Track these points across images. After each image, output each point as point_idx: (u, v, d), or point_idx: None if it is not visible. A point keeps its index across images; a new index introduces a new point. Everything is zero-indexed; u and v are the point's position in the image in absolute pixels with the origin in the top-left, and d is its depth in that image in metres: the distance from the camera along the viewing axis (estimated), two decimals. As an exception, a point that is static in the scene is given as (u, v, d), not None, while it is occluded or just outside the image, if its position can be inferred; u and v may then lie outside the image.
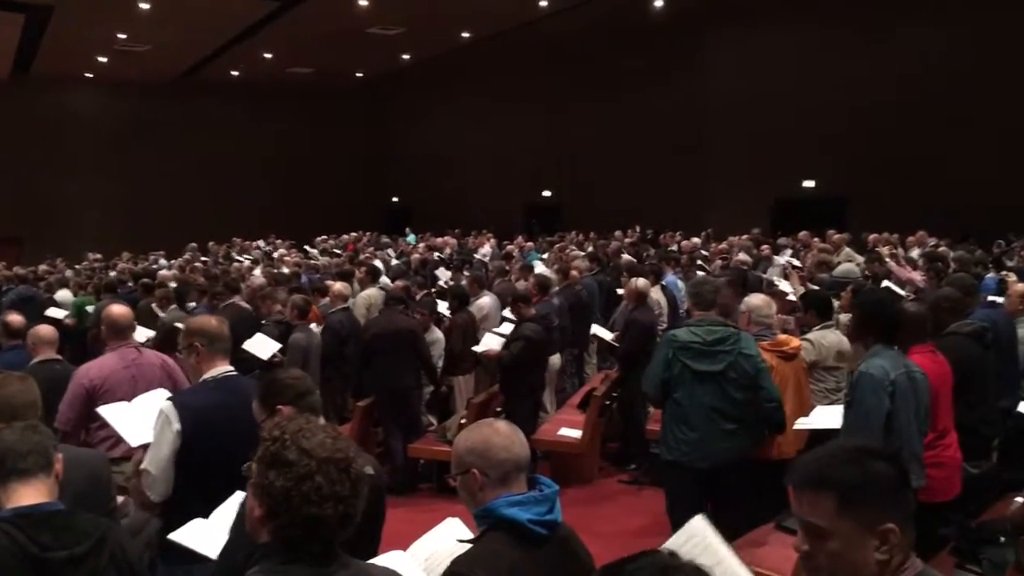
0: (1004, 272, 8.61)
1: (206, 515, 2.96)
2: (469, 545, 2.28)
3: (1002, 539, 4.12)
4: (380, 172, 31.09)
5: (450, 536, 2.68)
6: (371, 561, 2.38)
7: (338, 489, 1.82)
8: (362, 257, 13.21)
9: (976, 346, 5.12)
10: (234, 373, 3.56)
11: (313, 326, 7.91)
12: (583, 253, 12.05)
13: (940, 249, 10.45)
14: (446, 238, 18.03)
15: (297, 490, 1.79)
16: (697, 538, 2.25)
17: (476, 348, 7.44)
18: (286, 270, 12.67)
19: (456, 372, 8.02)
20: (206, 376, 3.49)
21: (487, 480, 2.29)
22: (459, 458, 2.34)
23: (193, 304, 8.83)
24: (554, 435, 7.23)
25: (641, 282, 7.35)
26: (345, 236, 20.73)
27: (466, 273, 10.79)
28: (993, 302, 6.62)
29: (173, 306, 8.64)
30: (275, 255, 16.90)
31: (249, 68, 26.10)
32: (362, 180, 30.72)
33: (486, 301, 8.78)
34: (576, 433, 7.12)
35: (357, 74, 29.29)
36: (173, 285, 10.22)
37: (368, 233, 21.36)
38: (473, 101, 26.86)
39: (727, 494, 4.77)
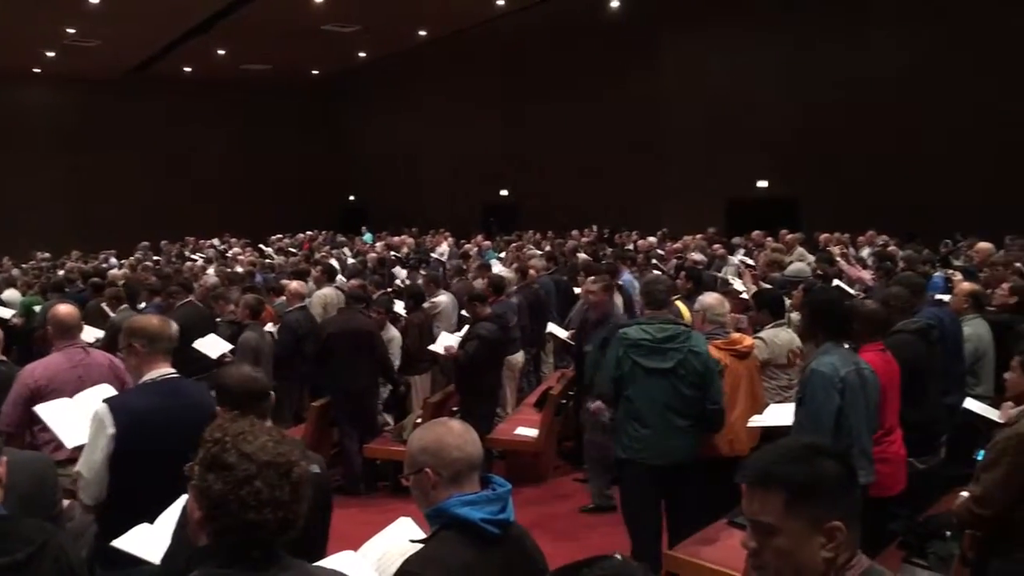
0: (951, 271, 8.78)
1: (145, 518, 2.89)
2: (421, 545, 2.27)
3: (948, 533, 4.23)
4: (337, 171, 30.86)
5: (402, 536, 2.67)
6: (320, 563, 2.36)
7: (278, 494, 1.78)
8: (318, 256, 13.10)
9: (923, 344, 5.22)
10: (175, 375, 3.46)
11: (269, 326, 7.83)
12: (540, 252, 12.07)
13: (889, 248, 10.64)
14: (403, 237, 17.96)
15: (235, 494, 1.76)
16: None
17: (432, 347, 7.41)
18: (240, 269, 12.52)
19: (412, 371, 7.99)
20: (146, 378, 3.41)
21: (440, 479, 2.28)
22: (412, 457, 2.33)
23: (143, 304, 8.68)
24: (510, 434, 7.25)
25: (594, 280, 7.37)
26: (301, 235, 20.56)
27: (423, 272, 10.74)
28: (940, 300, 6.75)
29: (124, 306, 8.48)
30: (229, 254, 16.70)
31: (202, 64, 25.72)
32: (318, 178, 30.46)
33: (442, 300, 8.77)
34: (532, 432, 7.14)
35: (313, 72, 29.06)
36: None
37: (324, 232, 21.20)
38: (430, 100, 26.79)
39: (681, 491, 4.81)
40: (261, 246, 18.81)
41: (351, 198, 31.33)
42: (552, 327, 8.09)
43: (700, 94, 20.22)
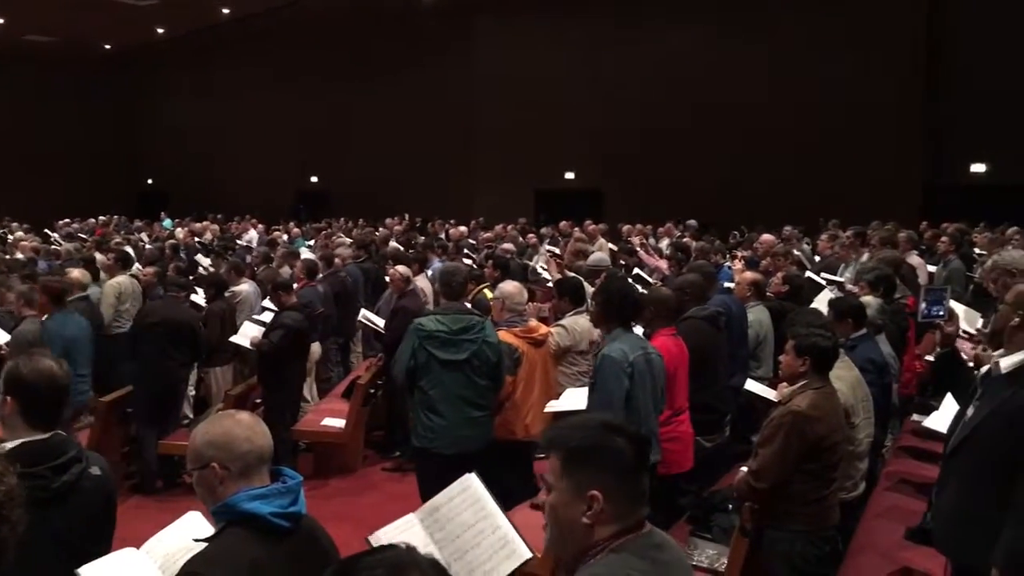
0: (733, 260, 9.34)
1: None
2: (206, 544, 2.17)
3: (730, 507, 4.50)
4: (133, 153, 29.07)
5: (191, 532, 2.55)
6: (100, 560, 2.23)
7: None
8: (112, 243, 12.27)
9: (712, 329, 5.55)
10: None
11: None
12: (349, 240, 11.88)
13: (684, 240, 11.22)
14: (206, 223, 17.16)
15: None
16: (468, 492, 2.28)
17: (233, 339, 7.12)
18: (21, 256, 11.54)
19: (213, 363, 7.66)
20: None
21: (228, 474, 2.20)
22: (197, 452, 2.24)
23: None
24: (317, 425, 7.10)
25: (402, 269, 7.34)
26: (92, 220, 19.20)
27: (227, 260, 10.30)
28: (728, 288, 7.19)
29: None
30: (10, 239, 15.34)
31: (-21, 32, 23.57)
32: (113, 161, 28.57)
33: (245, 289, 8.44)
34: (339, 423, 7.02)
35: (106, 46, 27.19)
36: None
37: (119, 217, 19.92)
38: (237, 82, 25.75)
39: (482, 475, 4.88)
40: (47, 231, 17.41)
41: (149, 182, 29.62)
42: (365, 313, 7.97)
43: (512, 84, 20.55)
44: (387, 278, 8.12)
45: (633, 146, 18.99)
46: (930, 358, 6.43)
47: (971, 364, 3.52)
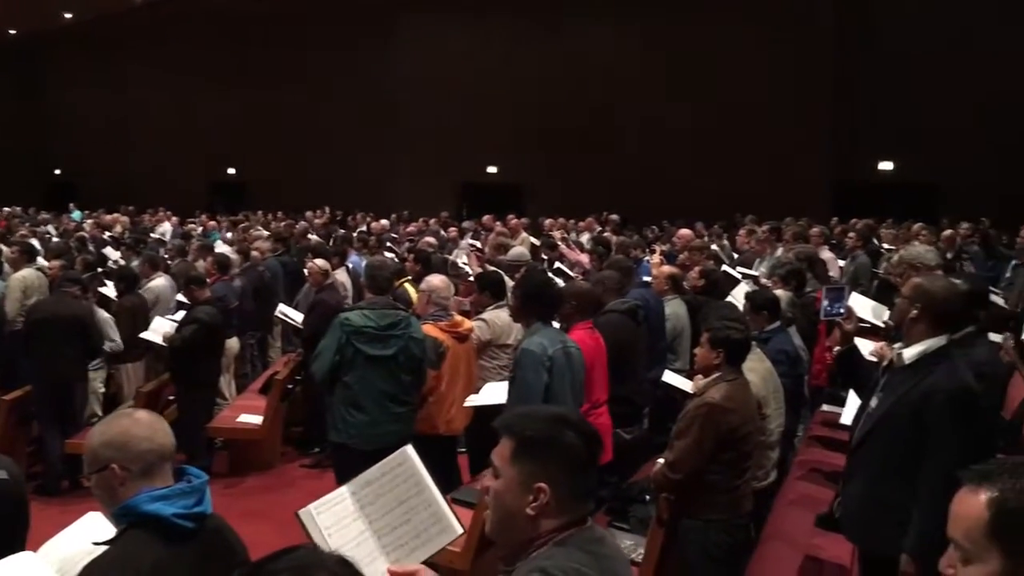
0: (651, 254, 9.47)
1: None
2: (106, 547, 2.09)
3: (647, 497, 4.56)
4: (38, 142, 27.95)
5: (89, 535, 2.44)
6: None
7: None
8: (18, 235, 11.80)
9: (630, 323, 5.60)
10: None
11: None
12: (267, 233, 11.66)
13: (605, 234, 11.32)
14: (116, 216, 16.62)
15: None
16: (404, 466, 2.25)
17: (144, 335, 6.91)
18: (-91, 248, 10.98)
19: (123, 360, 7.42)
20: None
21: (128, 474, 2.12)
22: (94, 454, 2.15)
23: None
24: (233, 422, 6.96)
25: (320, 262, 7.23)
26: (-4, 211, 18.43)
27: (140, 254, 9.99)
28: (646, 282, 7.27)
29: None
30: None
31: None
32: (17, 151, 27.41)
33: (160, 283, 8.20)
34: (256, 419, 6.90)
35: (10, 31, 26.08)
36: None
37: (25, 209, 19.16)
38: (152, 71, 25.00)
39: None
40: (-55, 223, 16.62)
41: (56, 172, 28.55)
42: (283, 308, 7.82)
43: (436, 78, 20.48)
44: (306, 272, 7.99)
45: (556, 141, 19.11)
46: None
47: (875, 358, 3.62)
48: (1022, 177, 14.51)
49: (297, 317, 7.51)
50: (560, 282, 6.78)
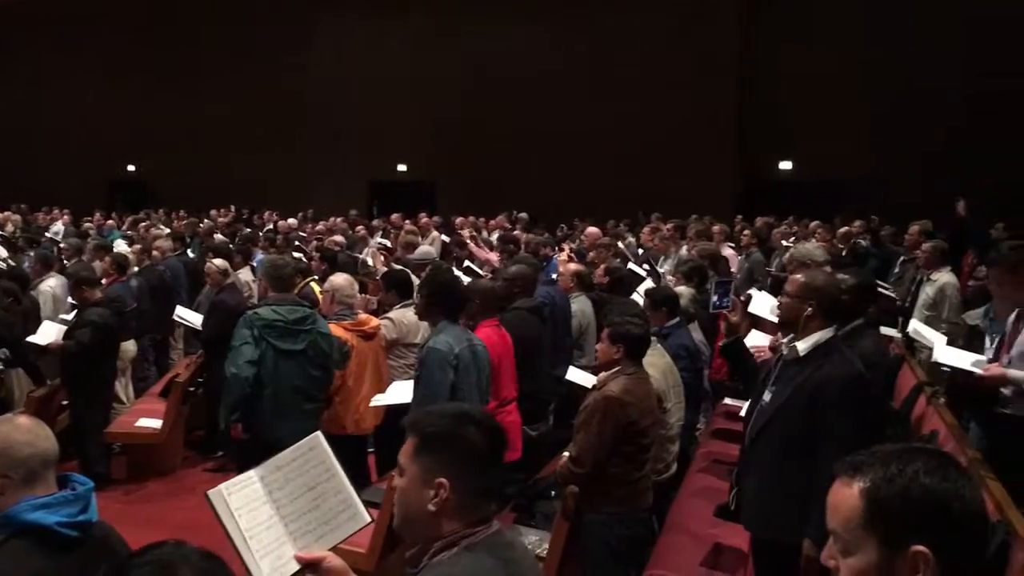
0: (560, 252, 9.58)
1: None
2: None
3: (553, 493, 4.61)
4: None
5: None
6: None
7: None
8: None
9: (535, 320, 5.65)
10: None
11: None
12: (168, 232, 11.34)
13: (514, 232, 11.38)
14: (7, 214, 15.89)
15: None
16: (315, 452, 2.23)
17: (31, 338, 6.62)
18: None
19: (15, 364, 7.09)
20: None
21: (9, 482, 2.06)
22: (-27, 462, 2.06)
23: None
24: (131, 427, 6.75)
25: (218, 262, 7.07)
26: None
27: (31, 253, 9.61)
28: (553, 280, 7.34)
29: None
30: None
31: None
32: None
33: (52, 284, 7.89)
34: (156, 423, 6.71)
35: None
36: None
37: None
38: (47, 61, 23.95)
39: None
40: None
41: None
42: (181, 311, 7.60)
43: (344, 76, 20.26)
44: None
45: (465, 139, 19.13)
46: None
47: (762, 351, 3.75)
48: (913, 175, 15.17)
49: (195, 319, 7.32)
50: (469, 280, 6.81)
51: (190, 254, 10.20)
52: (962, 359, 4.43)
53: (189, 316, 7.53)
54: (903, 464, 1.35)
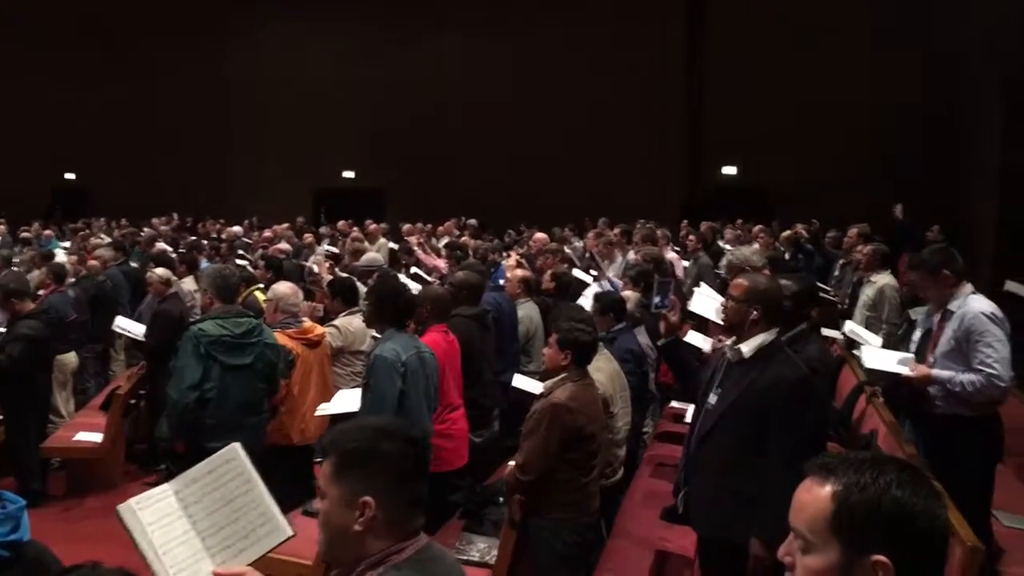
0: (510, 258, 9.58)
1: None
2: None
3: (500, 499, 4.60)
4: None
5: None
6: None
7: None
8: None
9: (477, 326, 5.63)
10: None
11: None
12: (109, 240, 11.11)
13: (463, 239, 11.36)
14: (-60, 224, 15.44)
15: None
16: (232, 464, 2.17)
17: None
18: None
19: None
20: None
21: (-65, 503, 1.98)
22: None
23: None
24: (70, 441, 6.59)
25: (160, 271, 6.94)
26: None
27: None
28: (500, 286, 7.34)
29: None
30: None
31: None
32: None
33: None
34: (96, 436, 6.55)
35: None
36: None
37: None
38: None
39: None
40: None
41: None
42: (121, 322, 7.43)
43: (290, 82, 20.06)
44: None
45: (413, 146, 19.07)
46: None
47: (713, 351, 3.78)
48: (852, 179, 15.50)
49: (137, 329, 7.16)
50: (416, 287, 6.77)
51: (133, 264, 10.00)
52: (890, 361, 4.51)
53: (130, 326, 7.36)
54: (876, 473, 1.37)
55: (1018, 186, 11.67)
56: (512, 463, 4.05)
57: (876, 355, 4.68)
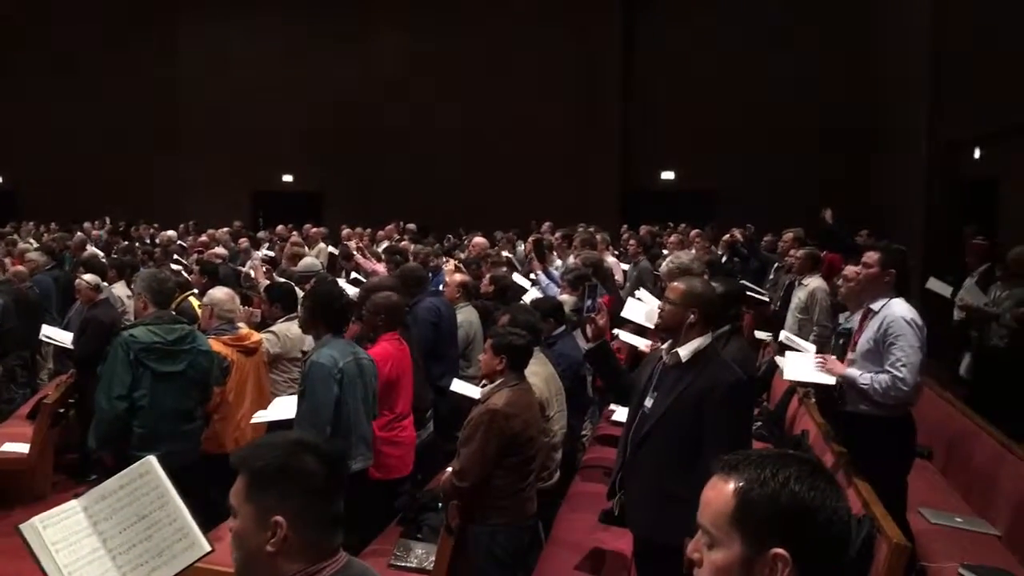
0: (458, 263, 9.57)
1: None
2: None
3: (439, 505, 4.59)
4: None
5: None
6: None
7: None
8: None
9: (403, 331, 5.59)
10: None
11: None
12: (37, 245, 10.81)
13: (402, 244, 11.31)
14: None
15: None
16: (146, 478, 2.11)
17: None
18: None
19: None
20: None
21: None
22: None
23: None
24: (-5, 452, 6.39)
25: (89, 277, 6.78)
26: None
27: None
28: (438, 290, 7.32)
29: None
30: None
31: None
32: None
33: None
34: (23, 447, 6.37)
35: None
36: None
37: None
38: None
39: (188, 491, 4.62)
40: None
41: None
42: (47, 330, 7.22)
43: (225, 84, 19.75)
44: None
45: (352, 149, 18.94)
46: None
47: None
48: (787, 184, 15.81)
49: (64, 337, 6.97)
50: (354, 292, 6.72)
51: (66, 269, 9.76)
52: (809, 370, 4.59)
53: (57, 335, 7.16)
54: (776, 469, 1.41)
55: (944, 188, 12.06)
56: (449, 470, 4.05)
57: (796, 365, 4.74)
